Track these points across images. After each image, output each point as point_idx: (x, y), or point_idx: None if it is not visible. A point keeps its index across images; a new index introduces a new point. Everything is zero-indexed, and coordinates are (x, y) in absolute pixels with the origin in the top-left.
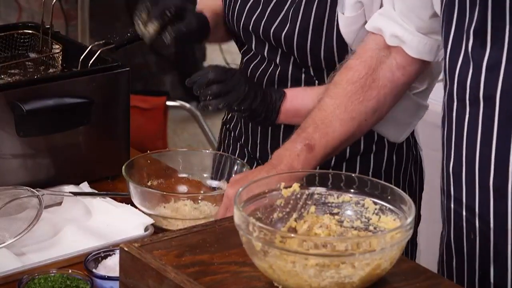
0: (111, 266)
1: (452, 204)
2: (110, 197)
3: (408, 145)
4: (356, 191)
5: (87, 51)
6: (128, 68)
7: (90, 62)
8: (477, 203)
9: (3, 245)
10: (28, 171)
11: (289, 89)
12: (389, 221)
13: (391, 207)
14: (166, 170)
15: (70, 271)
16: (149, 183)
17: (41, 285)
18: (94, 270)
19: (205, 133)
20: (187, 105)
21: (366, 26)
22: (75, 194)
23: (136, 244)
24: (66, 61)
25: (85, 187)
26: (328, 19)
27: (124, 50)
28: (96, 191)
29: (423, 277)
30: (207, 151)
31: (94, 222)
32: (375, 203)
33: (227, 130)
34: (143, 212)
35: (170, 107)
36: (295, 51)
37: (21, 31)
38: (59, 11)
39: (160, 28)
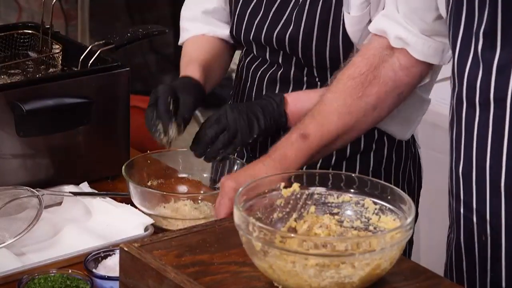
0: (111, 266)
1: (461, 208)
2: (110, 197)
3: (407, 143)
4: (356, 191)
5: (87, 51)
6: (128, 68)
7: (90, 62)
8: (487, 206)
9: (3, 245)
10: (28, 171)
11: (290, 93)
12: (389, 221)
13: (391, 207)
14: (166, 170)
15: (70, 271)
16: (149, 183)
17: (41, 285)
18: (94, 270)
19: None
20: None
21: (370, 27)
22: (75, 194)
23: (136, 244)
24: (66, 61)
25: (85, 187)
26: (333, 19)
27: (124, 50)
28: (96, 191)
29: (423, 277)
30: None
31: (94, 222)
32: (375, 203)
33: None
34: (143, 212)
35: None
36: (299, 52)
37: (21, 31)
38: (59, 11)
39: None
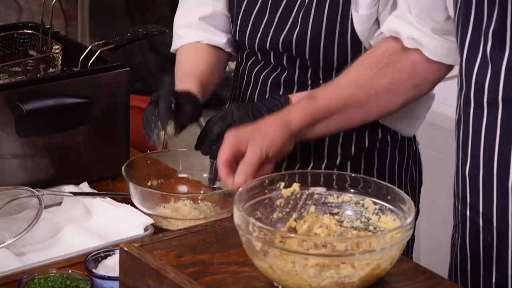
0: (111, 266)
1: (467, 211)
2: (110, 197)
3: (409, 140)
4: (356, 191)
5: (87, 51)
6: (128, 68)
7: (90, 62)
8: (494, 207)
9: (3, 245)
10: (28, 171)
11: (295, 94)
12: (389, 221)
13: (391, 207)
14: (166, 170)
15: (70, 271)
16: (149, 183)
17: (41, 285)
18: (94, 270)
19: None
20: None
21: (382, 28)
22: (75, 194)
23: (136, 244)
24: (66, 61)
25: (85, 187)
26: (341, 18)
27: (124, 50)
28: (96, 191)
29: (423, 277)
30: None
31: (94, 222)
32: (375, 203)
33: None
34: (143, 212)
35: None
36: (306, 53)
37: (21, 31)
38: (59, 11)
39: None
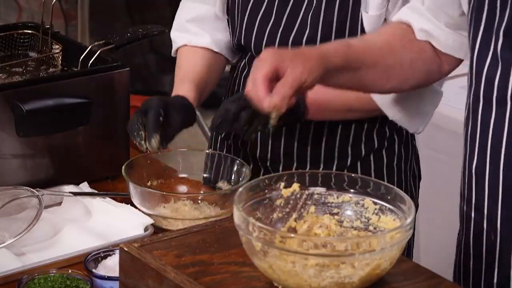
0: (111, 266)
1: (472, 212)
2: (110, 197)
3: (412, 137)
4: (355, 191)
5: (87, 51)
6: (128, 68)
7: (90, 62)
8: (499, 205)
9: (3, 245)
10: (28, 171)
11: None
12: (389, 221)
13: (391, 207)
14: (166, 170)
15: (70, 271)
16: (149, 183)
17: (41, 285)
18: (94, 270)
19: (205, 133)
20: None
21: (393, 19)
22: (75, 194)
23: (136, 244)
24: (66, 61)
25: (85, 187)
26: (350, 20)
27: (124, 50)
28: (96, 191)
29: (423, 277)
30: (207, 151)
31: (94, 222)
32: (375, 203)
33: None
34: (143, 212)
35: None
36: None
37: (21, 31)
38: (59, 11)
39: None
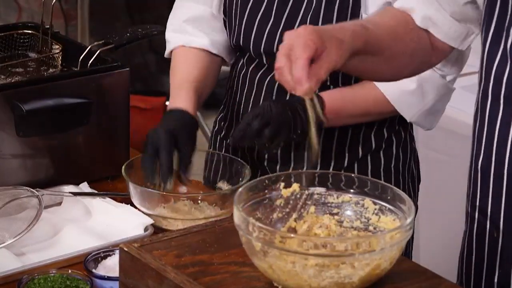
0: (110, 266)
1: (476, 213)
2: (110, 197)
3: (411, 139)
4: (355, 191)
5: (86, 51)
6: (127, 68)
7: (90, 62)
8: (503, 203)
9: (3, 245)
10: (28, 171)
11: (324, 92)
12: (389, 221)
13: (391, 207)
14: None
15: (69, 271)
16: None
17: (40, 285)
18: (93, 270)
19: (204, 133)
20: None
21: (396, 4)
22: (75, 194)
23: (135, 244)
24: (66, 61)
25: (84, 187)
26: (350, 20)
27: (123, 50)
28: (96, 191)
29: (423, 277)
30: (207, 151)
31: (94, 222)
32: (375, 203)
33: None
34: (143, 212)
35: None
36: None
37: (21, 31)
38: (59, 11)
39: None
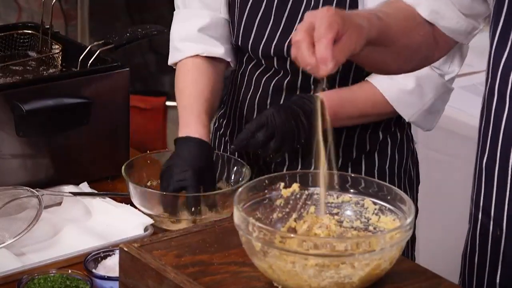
0: (110, 266)
1: (480, 214)
2: (110, 197)
3: (408, 140)
4: (355, 191)
5: (86, 51)
6: (127, 68)
7: (90, 62)
8: (506, 202)
9: (3, 245)
10: (28, 171)
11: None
12: (389, 221)
13: (391, 207)
14: None
15: (69, 271)
16: (149, 183)
17: (40, 285)
18: (93, 270)
19: None
20: None
21: None
22: (75, 194)
23: (135, 244)
24: (66, 61)
25: (85, 187)
26: None
27: (123, 50)
28: (96, 191)
29: (423, 277)
30: None
31: (94, 222)
32: (375, 203)
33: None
34: (143, 212)
35: (170, 107)
36: None
37: (21, 31)
38: (59, 11)
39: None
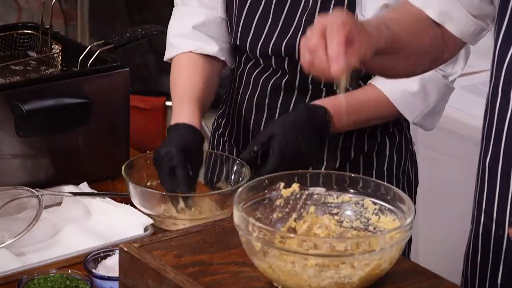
0: (110, 266)
1: (482, 216)
2: (109, 197)
3: (406, 141)
4: (355, 191)
5: (86, 51)
6: (127, 68)
7: (90, 62)
8: (509, 202)
9: (3, 245)
10: (28, 171)
11: (324, 99)
12: (389, 221)
13: (391, 207)
14: None
15: (69, 271)
16: (149, 183)
17: (40, 285)
18: (93, 270)
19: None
20: None
21: (412, 0)
22: (75, 194)
23: (135, 244)
24: (66, 61)
25: (84, 187)
26: None
27: (123, 50)
28: (96, 191)
29: (423, 277)
30: (207, 151)
31: (94, 222)
32: (375, 203)
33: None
34: (143, 212)
35: (170, 107)
36: None
37: (21, 31)
38: (59, 11)
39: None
